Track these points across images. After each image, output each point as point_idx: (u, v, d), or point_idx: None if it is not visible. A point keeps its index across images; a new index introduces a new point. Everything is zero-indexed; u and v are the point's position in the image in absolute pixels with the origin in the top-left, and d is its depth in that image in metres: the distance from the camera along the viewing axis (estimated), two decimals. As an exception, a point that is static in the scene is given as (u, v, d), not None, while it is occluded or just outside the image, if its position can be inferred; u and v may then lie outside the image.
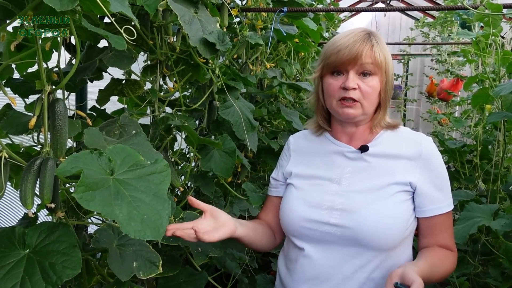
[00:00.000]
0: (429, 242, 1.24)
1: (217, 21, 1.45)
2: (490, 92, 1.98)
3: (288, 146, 1.41)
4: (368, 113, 1.24)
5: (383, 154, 1.24)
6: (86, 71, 1.30)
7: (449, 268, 1.23)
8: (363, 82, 1.19)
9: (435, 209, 1.21)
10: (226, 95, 1.67)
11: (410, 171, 1.21)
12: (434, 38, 5.97)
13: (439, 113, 4.78)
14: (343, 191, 1.22)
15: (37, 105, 0.98)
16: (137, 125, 1.28)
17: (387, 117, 1.28)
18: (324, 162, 1.29)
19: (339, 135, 1.30)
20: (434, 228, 1.23)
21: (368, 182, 1.21)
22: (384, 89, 1.22)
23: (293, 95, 2.74)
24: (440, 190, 1.22)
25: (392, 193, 1.19)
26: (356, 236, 1.16)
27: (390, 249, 1.18)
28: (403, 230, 1.18)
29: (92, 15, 1.10)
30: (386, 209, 1.17)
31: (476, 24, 3.29)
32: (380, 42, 1.21)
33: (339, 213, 1.18)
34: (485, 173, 2.40)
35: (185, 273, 1.59)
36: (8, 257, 0.87)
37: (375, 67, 1.19)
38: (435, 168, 1.23)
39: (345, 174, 1.24)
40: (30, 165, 0.91)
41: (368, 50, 1.18)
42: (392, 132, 1.29)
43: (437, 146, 1.29)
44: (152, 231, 0.81)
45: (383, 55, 1.20)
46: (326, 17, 2.99)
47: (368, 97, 1.20)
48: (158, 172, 0.89)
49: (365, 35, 1.20)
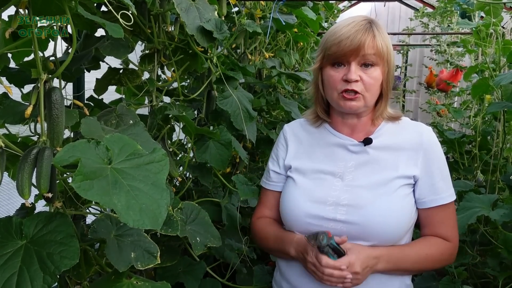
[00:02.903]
0: (426, 232, 1.24)
1: (215, 10, 1.44)
2: (490, 82, 1.98)
3: (284, 136, 1.37)
4: (370, 105, 1.22)
5: (385, 146, 1.23)
6: (82, 60, 1.28)
7: (436, 255, 1.21)
8: (366, 74, 1.16)
9: (436, 200, 1.20)
10: (225, 85, 1.66)
11: (412, 163, 1.20)
12: (434, 28, 5.94)
13: (438, 104, 4.77)
14: (348, 186, 1.20)
15: (33, 94, 0.96)
16: (135, 115, 1.26)
17: (389, 108, 1.26)
18: (325, 154, 1.26)
19: (340, 127, 1.28)
20: (432, 219, 1.22)
21: (373, 177, 1.19)
22: (386, 79, 1.20)
23: (292, 85, 2.72)
24: (442, 180, 1.21)
25: (397, 187, 1.18)
26: (363, 231, 1.16)
27: (395, 242, 1.18)
28: (407, 223, 1.19)
29: (89, 3, 1.09)
30: (393, 204, 1.16)
31: (476, 14, 3.27)
32: (382, 31, 1.18)
33: (346, 209, 1.17)
34: (484, 163, 2.40)
35: (184, 263, 1.60)
36: (6, 247, 0.87)
37: (378, 57, 1.16)
38: (436, 159, 1.22)
39: (348, 168, 1.22)
40: (27, 155, 0.90)
41: (370, 40, 1.14)
42: (393, 123, 1.27)
43: (436, 137, 1.28)
44: (151, 220, 0.80)
45: (385, 45, 1.17)
46: (325, 7, 2.97)
47: (371, 89, 1.17)
48: (156, 161, 0.88)
49: (367, 24, 1.16)
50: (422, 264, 1.21)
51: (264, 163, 2.46)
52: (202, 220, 1.46)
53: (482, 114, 2.50)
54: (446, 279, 1.85)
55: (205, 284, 1.68)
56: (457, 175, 2.88)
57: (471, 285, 1.97)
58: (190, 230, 1.39)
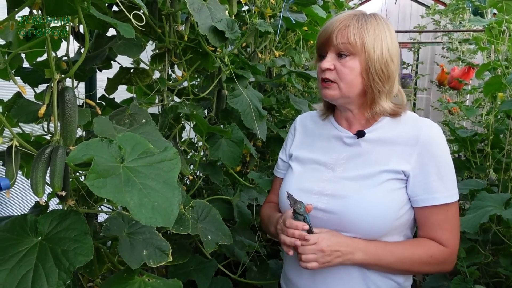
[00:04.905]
0: (421, 234, 1.19)
1: (226, 9, 1.44)
2: (502, 80, 1.96)
3: (295, 126, 1.41)
4: (349, 96, 1.20)
5: (379, 140, 1.21)
6: (95, 60, 1.29)
7: (424, 256, 1.15)
8: (340, 63, 1.17)
9: (430, 199, 1.15)
10: (235, 84, 1.66)
11: (405, 158, 1.16)
12: (445, 25, 5.88)
13: (449, 102, 4.72)
14: (336, 177, 1.21)
15: (46, 93, 0.98)
16: (147, 114, 1.28)
17: (388, 103, 1.21)
18: (324, 146, 1.29)
19: (340, 120, 1.30)
20: (427, 220, 1.17)
21: (361, 169, 1.19)
22: (366, 71, 1.16)
23: (302, 83, 2.72)
24: (439, 179, 1.15)
25: (383, 180, 1.15)
26: (341, 221, 1.15)
27: (377, 237, 1.15)
28: (391, 219, 1.14)
29: (100, 4, 1.10)
30: (375, 197, 1.14)
31: (488, 11, 3.24)
32: (366, 22, 1.17)
33: (327, 199, 1.18)
34: (496, 162, 2.37)
35: (195, 261, 1.61)
36: (21, 244, 0.88)
37: (350, 47, 1.15)
38: (434, 156, 1.16)
39: (340, 160, 1.23)
40: (41, 154, 0.92)
41: (340, 30, 1.16)
42: (394, 118, 1.23)
43: (448, 135, 1.25)
44: (163, 218, 0.81)
45: (359, 36, 1.15)
46: (336, 5, 2.95)
47: (344, 78, 1.17)
48: (167, 159, 0.89)
49: (349, 16, 1.18)
50: (407, 264, 1.15)
51: (274, 161, 2.46)
52: (213, 218, 1.47)
53: (494, 112, 2.47)
54: (458, 278, 1.84)
55: (216, 282, 1.70)
56: (469, 174, 2.85)
57: (483, 284, 1.95)
58: (202, 228, 1.40)
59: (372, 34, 1.16)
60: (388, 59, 1.18)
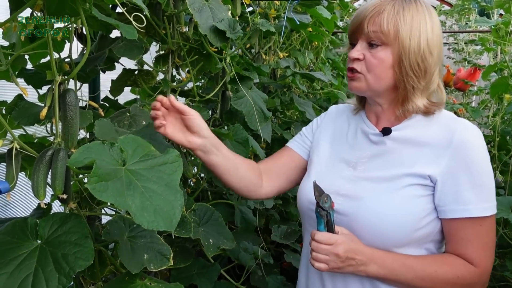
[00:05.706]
0: (448, 249, 1.07)
1: (228, 9, 1.43)
2: (509, 81, 1.93)
3: (327, 114, 1.33)
4: (377, 90, 1.09)
5: (407, 139, 1.09)
6: (97, 61, 1.29)
7: (449, 276, 1.02)
8: (370, 53, 1.06)
9: (459, 211, 1.01)
10: (239, 85, 1.65)
11: (434, 161, 1.04)
12: (451, 26, 5.85)
13: (455, 103, 4.69)
14: (356, 176, 1.11)
15: (48, 95, 0.97)
16: (148, 115, 1.27)
17: (422, 101, 1.08)
18: (350, 141, 1.20)
19: (369, 115, 1.19)
20: (455, 234, 1.04)
21: (382, 170, 1.08)
22: (399, 64, 1.05)
23: (307, 85, 2.70)
24: (471, 189, 1.01)
25: (405, 185, 1.04)
26: (351, 225, 1.05)
27: (390, 248, 1.04)
28: (409, 230, 1.02)
29: (103, 5, 1.09)
30: (391, 201, 1.03)
31: (495, 12, 3.21)
32: (404, 8, 1.04)
33: (342, 199, 1.09)
34: (503, 164, 2.34)
35: (198, 265, 1.59)
36: (21, 247, 0.88)
37: (383, 36, 1.04)
38: (468, 161, 1.02)
39: (362, 158, 1.14)
40: (42, 156, 0.91)
41: (373, 16, 1.04)
42: (427, 116, 1.11)
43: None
44: (165, 222, 0.80)
45: (393, 23, 1.03)
46: (340, 6, 2.93)
47: (373, 70, 1.06)
48: (169, 162, 0.88)
49: (385, 0, 1.06)
50: (428, 282, 1.02)
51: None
52: (216, 222, 1.45)
53: (501, 114, 2.44)
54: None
55: (219, 286, 1.68)
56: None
57: (490, 288, 1.93)
58: (203, 232, 1.39)
59: (409, 22, 1.04)
60: (425, 52, 1.05)
